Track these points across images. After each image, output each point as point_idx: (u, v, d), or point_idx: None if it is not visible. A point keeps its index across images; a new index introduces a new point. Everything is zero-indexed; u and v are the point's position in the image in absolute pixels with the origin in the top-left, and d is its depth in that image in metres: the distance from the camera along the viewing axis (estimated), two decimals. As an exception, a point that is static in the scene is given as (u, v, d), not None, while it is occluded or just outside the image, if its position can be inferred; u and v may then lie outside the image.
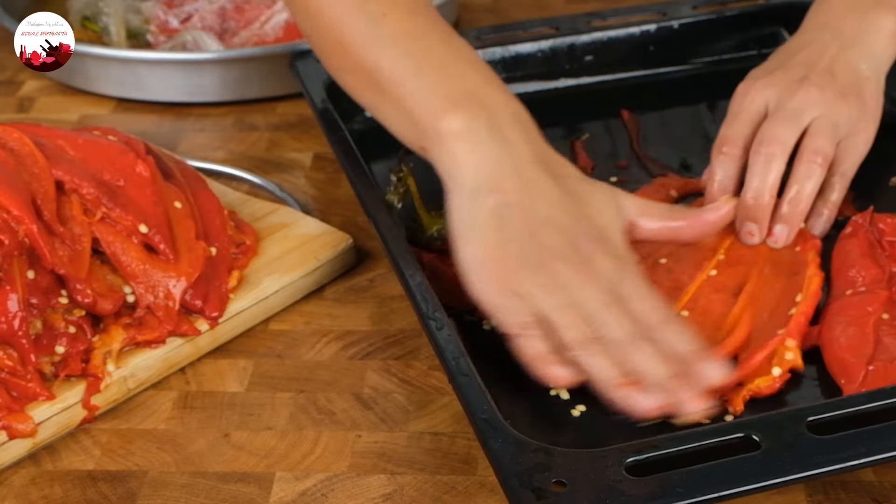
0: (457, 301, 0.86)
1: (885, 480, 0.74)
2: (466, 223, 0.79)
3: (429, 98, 0.83)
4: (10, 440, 0.78)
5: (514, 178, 0.80)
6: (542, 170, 0.81)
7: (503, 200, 0.79)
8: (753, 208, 0.88)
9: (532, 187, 0.80)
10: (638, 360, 0.75)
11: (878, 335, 0.79)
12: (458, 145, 0.81)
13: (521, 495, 0.65)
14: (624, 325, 0.76)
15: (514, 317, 0.77)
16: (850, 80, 0.92)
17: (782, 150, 0.88)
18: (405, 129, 0.85)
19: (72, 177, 0.84)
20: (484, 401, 0.71)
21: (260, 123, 1.15)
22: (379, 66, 0.85)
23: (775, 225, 0.88)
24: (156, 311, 0.84)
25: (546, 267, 0.77)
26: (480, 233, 0.79)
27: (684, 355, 0.75)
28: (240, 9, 1.22)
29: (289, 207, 0.99)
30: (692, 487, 0.65)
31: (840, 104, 0.90)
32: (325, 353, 0.86)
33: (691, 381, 0.74)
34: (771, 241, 0.88)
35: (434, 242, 0.89)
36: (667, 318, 0.77)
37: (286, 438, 0.79)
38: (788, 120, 0.89)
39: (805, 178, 0.88)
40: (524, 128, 0.82)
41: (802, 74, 0.92)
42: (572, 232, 0.79)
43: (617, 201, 0.82)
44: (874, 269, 0.84)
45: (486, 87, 0.84)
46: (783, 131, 0.89)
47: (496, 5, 1.36)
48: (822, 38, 0.95)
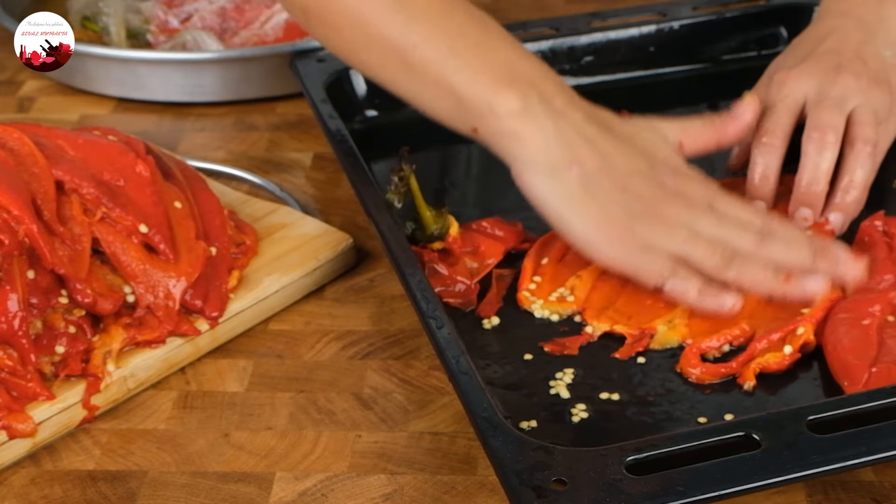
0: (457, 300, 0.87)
1: (885, 480, 0.74)
2: (562, 201, 0.81)
3: (476, 77, 0.83)
4: (10, 440, 0.78)
5: (583, 146, 0.82)
6: (599, 128, 0.84)
7: (584, 170, 0.81)
8: (808, 195, 0.89)
9: (601, 149, 0.82)
10: (778, 257, 0.80)
11: (882, 337, 0.79)
12: (519, 124, 0.81)
13: (521, 494, 0.65)
14: (746, 235, 0.81)
15: (654, 268, 0.80)
16: (880, 67, 0.94)
17: (836, 138, 0.90)
18: (446, 110, 0.85)
19: (72, 177, 0.84)
20: (484, 399, 0.71)
21: (260, 123, 1.15)
22: (409, 44, 0.84)
23: (831, 213, 0.89)
24: (156, 311, 0.84)
25: (654, 213, 0.81)
26: (581, 206, 0.81)
27: (810, 240, 0.81)
28: (240, 9, 1.22)
29: (289, 207, 0.99)
30: (692, 486, 0.65)
31: (875, 91, 0.92)
32: (325, 353, 0.86)
33: (831, 256, 0.80)
34: (827, 230, 0.89)
35: (435, 241, 0.89)
36: (769, 218, 0.83)
37: (286, 438, 0.79)
38: (835, 108, 0.91)
39: (857, 166, 0.90)
40: (568, 94, 0.84)
41: (836, 63, 0.93)
42: (652, 173, 0.83)
43: (660, 131, 0.86)
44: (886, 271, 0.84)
45: (523, 61, 0.85)
46: (834, 119, 0.90)
47: (496, 5, 1.35)
48: (844, 26, 0.96)
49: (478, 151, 0.96)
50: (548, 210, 0.82)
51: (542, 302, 0.86)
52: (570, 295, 0.86)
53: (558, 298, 0.86)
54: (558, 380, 0.80)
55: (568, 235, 0.82)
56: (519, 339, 0.84)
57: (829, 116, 0.90)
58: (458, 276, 0.87)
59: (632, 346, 0.81)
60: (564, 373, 0.80)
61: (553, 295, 0.86)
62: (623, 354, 0.81)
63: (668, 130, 0.87)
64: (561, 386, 0.79)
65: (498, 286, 0.88)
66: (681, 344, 0.82)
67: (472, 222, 0.92)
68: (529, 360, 0.82)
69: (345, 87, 1.06)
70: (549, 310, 0.85)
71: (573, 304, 0.85)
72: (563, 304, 0.85)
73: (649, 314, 0.83)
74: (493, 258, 0.90)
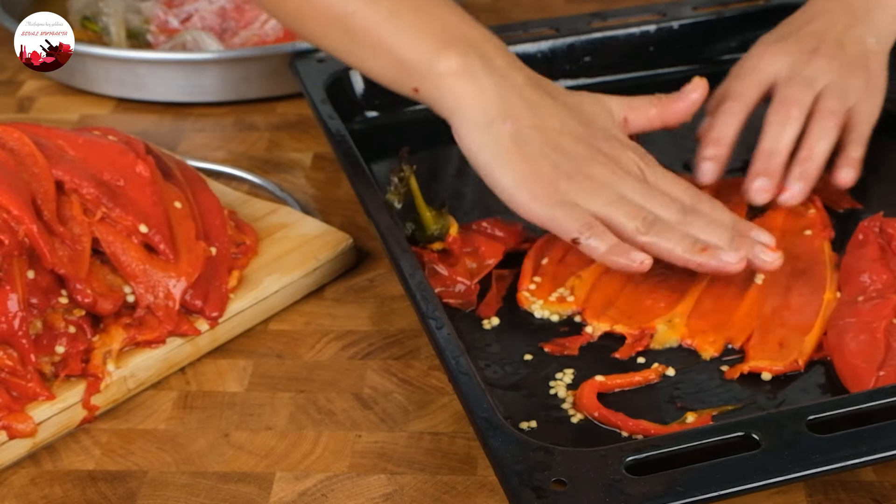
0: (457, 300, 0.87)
1: (885, 480, 0.74)
2: (492, 154, 0.84)
3: (416, 39, 0.86)
4: (10, 440, 0.78)
5: (520, 103, 0.85)
6: (539, 92, 0.87)
7: (518, 126, 0.84)
8: (768, 166, 0.90)
9: (537, 108, 0.85)
10: (697, 231, 0.82)
11: (889, 341, 0.79)
12: (458, 83, 0.84)
13: (521, 494, 0.65)
14: (671, 207, 0.83)
15: (572, 223, 0.82)
16: (858, 53, 0.95)
17: (800, 113, 0.92)
18: (388, 72, 0.88)
19: (72, 177, 0.84)
20: (484, 400, 0.71)
21: (260, 123, 1.15)
22: (349, 11, 0.87)
23: (791, 181, 0.90)
24: (156, 311, 0.84)
25: (582, 172, 0.83)
26: (509, 158, 0.83)
27: (731, 221, 0.83)
28: (240, 9, 1.22)
29: (289, 207, 0.99)
30: (692, 486, 0.65)
31: (848, 75, 0.93)
32: (325, 353, 0.86)
33: (749, 242, 0.82)
34: (786, 197, 0.90)
35: (435, 242, 0.89)
36: (699, 195, 0.85)
37: (286, 438, 0.79)
38: (804, 85, 0.93)
39: (818, 137, 0.91)
40: (509, 57, 0.88)
41: (814, 45, 0.95)
42: (587, 136, 0.85)
43: (605, 104, 0.89)
44: (885, 274, 0.84)
45: (463, 24, 0.88)
46: (801, 95, 0.92)
47: (496, 5, 1.36)
48: (832, 10, 0.98)
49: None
50: (478, 163, 0.85)
51: (542, 302, 0.86)
52: (569, 295, 0.86)
53: (558, 298, 0.86)
54: (558, 380, 0.80)
55: (494, 188, 0.84)
56: (519, 339, 0.84)
57: (795, 92, 0.92)
58: (458, 276, 0.87)
59: (632, 345, 0.82)
60: (564, 373, 0.80)
61: (553, 295, 0.86)
62: (623, 354, 0.81)
63: (614, 105, 0.89)
64: (561, 386, 0.79)
65: (498, 286, 0.88)
66: (680, 343, 0.82)
67: (471, 223, 0.92)
68: (529, 361, 0.82)
69: (345, 88, 1.06)
70: (549, 310, 0.85)
71: (573, 304, 0.85)
72: (563, 305, 0.85)
73: (649, 314, 0.83)
74: (493, 258, 0.90)
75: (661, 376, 0.80)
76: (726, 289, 0.85)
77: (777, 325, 0.82)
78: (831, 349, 0.80)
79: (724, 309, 0.83)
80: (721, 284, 0.85)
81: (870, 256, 0.85)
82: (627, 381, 0.79)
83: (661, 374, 0.80)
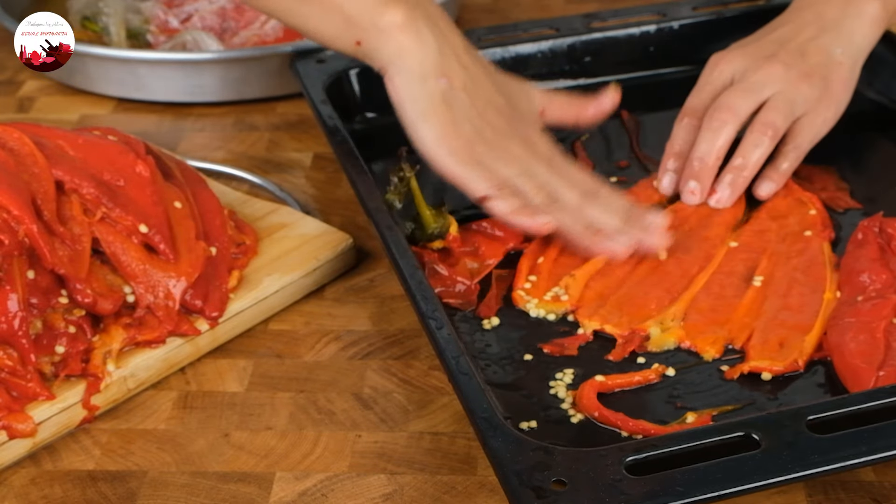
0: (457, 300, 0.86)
1: (885, 480, 0.74)
2: (421, 107, 0.88)
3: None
4: (10, 440, 0.78)
5: (456, 65, 0.90)
6: (475, 59, 0.92)
7: (452, 85, 0.89)
8: (698, 169, 0.93)
9: (471, 73, 0.90)
10: (594, 216, 0.88)
11: (889, 341, 0.79)
12: (402, 36, 0.88)
13: (521, 494, 0.65)
14: (572, 190, 0.88)
15: (483, 182, 0.87)
16: (819, 63, 0.95)
17: (734, 119, 0.93)
18: (332, 28, 0.91)
19: (72, 177, 0.84)
20: (484, 400, 0.71)
21: (260, 123, 1.15)
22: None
23: (720, 186, 0.93)
24: (156, 311, 0.84)
25: (499, 143, 0.89)
26: (436, 114, 0.88)
27: (626, 207, 0.88)
28: (240, 9, 1.22)
29: (289, 207, 0.99)
30: (692, 486, 0.65)
31: (801, 84, 0.94)
32: (325, 353, 0.86)
33: (641, 225, 0.87)
34: (712, 201, 0.93)
35: (435, 241, 0.89)
36: (600, 184, 0.90)
37: (286, 438, 0.79)
38: (747, 91, 0.94)
39: (753, 147, 0.93)
40: (450, 22, 0.92)
41: (772, 51, 0.96)
42: (509, 114, 0.91)
43: (528, 91, 0.95)
44: (885, 273, 0.84)
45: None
46: (739, 101, 0.94)
47: (496, 5, 1.36)
48: (803, 18, 0.98)
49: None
50: (406, 113, 0.89)
51: (537, 301, 0.86)
52: (564, 294, 0.86)
53: (553, 297, 0.86)
54: (558, 380, 0.80)
55: (416, 139, 0.89)
56: (519, 339, 0.84)
57: (733, 98, 0.94)
58: (458, 276, 0.87)
59: (623, 346, 0.82)
60: (564, 373, 0.80)
61: (548, 294, 0.86)
62: (616, 356, 0.81)
63: (536, 95, 0.95)
64: (561, 386, 0.79)
65: (498, 286, 0.88)
66: (678, 346, 0.82)
67: (472, 222, 0.92)
68: (529, 361, 0.82)
69: (345, 88, 1.06)
70: (543, 309, 0.85)
71: (566, 303, 0.85)
72: (557, 304, 0.85)
73: (640, 314, 0.83)
74: (493, 258, 0.90)
75: (660, 376, 0.80)
76: (724, 289, 0.85)
77: (777, 325, 0.82)
78: (831, 349, 0.80)
79: (723, 309, 0.83)
80: (719, 284, 0.85)
81: (869, 256, 0.85)
82: (627, 381, 0.79)
83: (660, 374, 0.80)
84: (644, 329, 0.82)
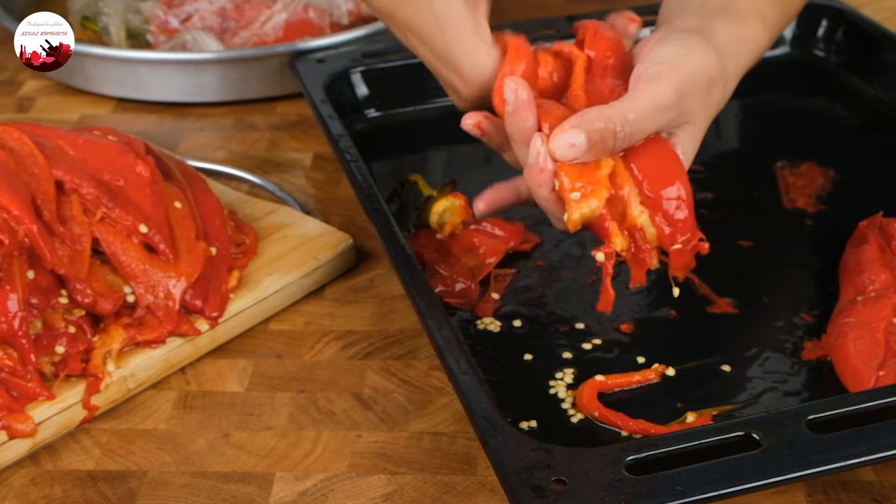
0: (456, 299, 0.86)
1: (885, 480, 0.74)
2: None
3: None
4: (10, 440, 0.78)
5: None
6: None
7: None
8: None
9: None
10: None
11: (889, 341, 0.79)
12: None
13: (521, 494, 0.65)
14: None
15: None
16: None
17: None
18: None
19: (72, 177, 0.84)
20: (484, 399, 0.71)
21: (260, 123, 1.15)
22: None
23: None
24: (156, 311, 0.84)
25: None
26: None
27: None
28: (240, 9, 1.22)
29: (289, 207, 0.99)
30: (692, 486, 0.65)
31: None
32: (325, 353, 0.86)
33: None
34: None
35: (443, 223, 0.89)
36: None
37: (286, 438, 0.79)
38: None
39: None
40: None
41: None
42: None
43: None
44: (885, 273, 0.84)
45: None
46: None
47: (496, 5, 1.35)
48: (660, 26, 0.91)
49: (478, 151, 0.96)
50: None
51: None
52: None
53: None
54: (558, 380, 0.80)
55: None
56: (519, 339, 0.84)
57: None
58: (458, 276, 0.88)
59: (634, 258, 0.77)
60: (564, 373, 0.80)
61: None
62: (636, 278, 0.77)
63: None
64: (561, 386, 0.79)
65: (498, 286, 0.88)
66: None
67: (472, 222, 0.92)
68: (529, 361, 0.82)
69: (345, 88, 1.07)
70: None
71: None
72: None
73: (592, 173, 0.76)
74: (494, 258, 0.90)
75: (661, 376, 0.80)
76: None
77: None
78: (831, 349, 0.80)
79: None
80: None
81: (869, 256, 0.85)
82: (627, 381, 0.79)
83: (661, 374, 0.80)
84: (635, 223, 0.77)
